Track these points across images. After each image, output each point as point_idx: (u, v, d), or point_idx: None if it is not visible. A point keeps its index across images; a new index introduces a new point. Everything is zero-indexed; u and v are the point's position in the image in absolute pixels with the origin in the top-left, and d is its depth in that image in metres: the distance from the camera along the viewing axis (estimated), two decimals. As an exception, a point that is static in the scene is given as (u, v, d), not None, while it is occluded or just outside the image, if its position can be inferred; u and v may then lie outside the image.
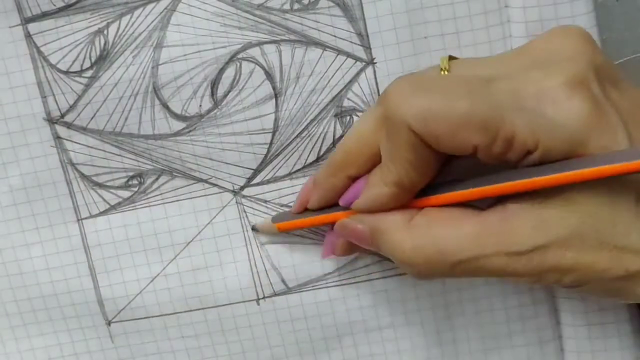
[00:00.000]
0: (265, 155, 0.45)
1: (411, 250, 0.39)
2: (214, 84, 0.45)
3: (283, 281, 0.47)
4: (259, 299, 0.47)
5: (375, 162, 0.41)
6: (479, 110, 0.36)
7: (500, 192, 0.38)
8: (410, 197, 0.40)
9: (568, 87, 0.36)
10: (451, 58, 0.40)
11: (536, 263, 0.37)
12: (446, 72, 0.39)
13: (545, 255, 0.37)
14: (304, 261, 0.47)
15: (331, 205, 0.43)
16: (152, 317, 0.48)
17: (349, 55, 0.44)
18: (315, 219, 0.44)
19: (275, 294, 0.47)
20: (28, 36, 0.44)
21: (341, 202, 0.42)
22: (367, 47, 0.44)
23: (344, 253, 0.44)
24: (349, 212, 0.42)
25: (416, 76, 0.40)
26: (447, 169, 0.40)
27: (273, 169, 0.46)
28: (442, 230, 0.39)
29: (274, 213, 0.46)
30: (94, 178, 0.46)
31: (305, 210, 0.44)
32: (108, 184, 0.46)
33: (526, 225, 0.37)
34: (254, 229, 0.46)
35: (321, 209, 0.44)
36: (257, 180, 0.46)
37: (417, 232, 0.39)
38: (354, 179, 0.42)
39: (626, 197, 0.36)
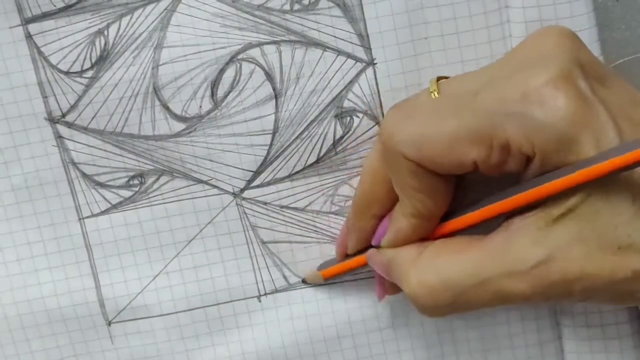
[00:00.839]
0: (266, 157, 0.45)
1: (416, 284, 0.39)
2: (214, 85, 0.45)
3: (284, 277, 0.47)
4: (260, 295, 0.47)
5: (395, 196, 0.41)
6: (469, 125, 0.36)
7: (499, 209, 0.38)
8: (432, 226, 0.40)
9: (553, 85, 0.35)
10: (440, 78, 0.40)
11: (541, 279, 0.36)
12: (436, 94, 0.39)
13: (549, 269, 0.36)
14: (305, 258, 0.47)
15: (368, 246, 0.44)
16: (153, 317, 0.48)
17: (349, 55, 0.44)
18: (353, 262, 0.45)
19: (277, 291, 0.47)
20: (28, 37, 0.44)
21: (373, 243, 0.43)
22: (368, 48, 0.44)
23: (394, 291, 0.44)
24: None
25: (407, 103, 0.40)
26: (464, 193, 0.40)
27: (273, 170, 0.46)
28: (445, 260, 0.39)
29: (274, 215, 0.46)
30: (95, 177, 0.46)
31: (347, 256, 0.45)
32: (109, 183, 0.46)
33: (526, 240, 0.36)
34: (304, 281, 0.47)
35: (360, 252, 0.44)
36: (257, 182, 0.46)
37: (422, 265, 0.39)
38: (381, 218, 0.42)
39: (623, 196, 0.36)
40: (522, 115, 0.35)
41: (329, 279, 0.46)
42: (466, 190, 0.41)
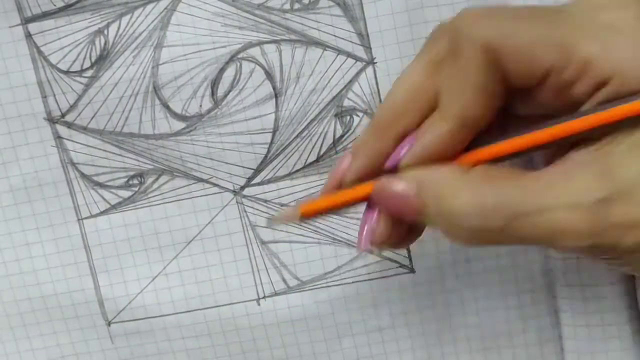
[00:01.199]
0: (266, 155, 0.45)
1: (469, 199, 0.35)
2: (214, 84, 0.45)
3: (284, 280, 0.47)
4: (259, 298, 0.47)
5: (431, 111, 0.37)
6: (554, 30, 0.34)
7: (557, 134, 0.35)
8: (468, 139, 0.36)
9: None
10: None
11: (601, 218, 0.33)
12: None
13: (611, 208, 0.33)
14: (305, 260, 0.47)
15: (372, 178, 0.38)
16: (153, 317, 0.48)
17: (349, 55, 0.44)
18: (349, 193, 0.38)
19: (276, 294, 0.47)
20: (28, 36, 0.44)
21: (388, 164, 0.37)
22: (368, 47, 0.44)
23: (385, 239, 0.38)
24: None
25: (486, 7, 0.37)
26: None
27: (273, 168, 0.46)
28: (502, 181, 0.35)
29: (274, 213, 0.46)
30: (95, 178, 0.46)
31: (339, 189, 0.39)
32: (108, 183, 0.46)
33: (588, 175, 0.34)
34: (270, 220, 0.43)
35: (358, 183, 0.38)
36: (257, 180, 0.46)
37: (476, 182, 0.35)
38: (402, 139, 0.37)
39: None
40: (610, 41, 0.33)
41: (308, 215, 0.38)
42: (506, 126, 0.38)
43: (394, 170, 0.37)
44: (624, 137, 0.34)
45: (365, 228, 0.38)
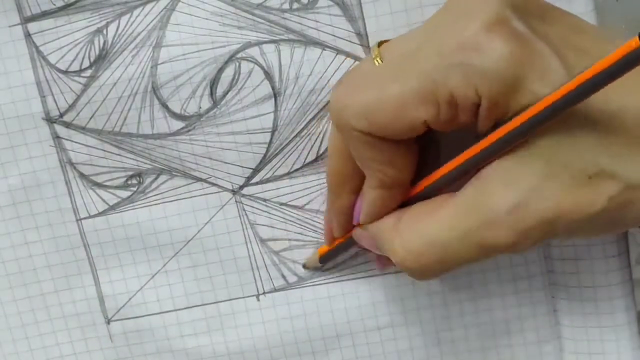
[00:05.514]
0: (265, 155, 0.45)
1: (401, 249, 0.38)
2: (213, 84, 0.45)
3: (283, 277, 0.47)
4: (259, 294, 0.47)
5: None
6: (412, 86, 0.35)
7: (462, 160, 0.37)
8: (401, 194, 0.40)
9: (486, 31, 0.34)
10: (381, 43, 0.40)
11: (519, 224, 0.35)
12: (379, 60, 0.39)
13: (525, 212, 0.35)
14: (304, 257, 0.47)
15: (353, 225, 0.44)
16: (152, 314, 0.48)
17: (348, 54, 0.44)
18: (344, 240, 0.45)
19: (275, 290, 0.47)
20: (27, 35, 0.44)
21: (354, 222, 0.43)
22: (367, 47, 0.44)
23: (391, 264, 0.44)
24: None
25: (351, 75, 0.40)
26: (438, 157, 0.40)
27: (272, 168, 0.46)
28: (424, 221, 0.38)
29: (273, 212, 0.46)
30: (93, 178, 0.46)
31: (335, 241, 0.45)
32: (107, 183, 0.46)
33: (497, 186, 0.36)
34: (304, 267, 0.47)
35: (347, 233, 0.44)
36: (256, 179, 0.46)
37: (403, 231, 0.39)
38: (357, 193, 0.42)
39: (583, 125, 0.35)
40: (461, 65, 0.35)
41: (325, 260, 0.46)
42: (440, 155, 0.40)
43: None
44: (519, 146, 0.36)
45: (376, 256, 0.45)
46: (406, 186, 0.40)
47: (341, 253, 0.46)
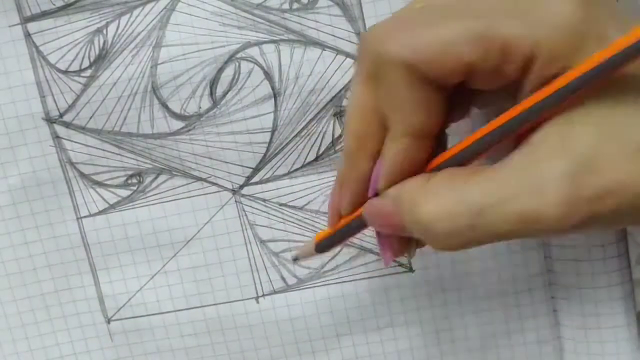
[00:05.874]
0: (265, 154, 0.45)
1: (431, 206, 0.35)
2: (213, 84, 0.45)
3: (282, 278, 0.47)
4: (258, 296, 0.47)
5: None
6: (463, 24, 0.33)
7: (499, 125, 0.34)
8: (429, 148, 0.36)
9: None
10: None
11: (570, 195, 0.32)
12: (422, 4, 0.36)
13: (578, 182, 0.32)
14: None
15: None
16: (152, 314, 0.48)
17: (348, 55, 0.44)
18: (349, 219, 0.40)
19: (275, 292, 0.47)
20: (27, 35, 0.44)
21: (370, 193, 0.38)
22: (366, 47, 0.44)
23: (402, 249, 0.40)
24: None
25: (391, 17, 0.37)
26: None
27: (272, 167, 0.46)
28: (461, 181, 0.34)
29: (273, 212, 0.46)
30: (93, 177, 0.46)
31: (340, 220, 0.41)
32: (107, 182, 0.46)
33: (549, 152, 0.33)
34: (295, 260, 0.45)
35: (356, 210, 0.39)
36: (256, 179, 0.46)
37: (436, 187, 0.35)
38: (376, 157, 0.38)
39: (634, 94, 0.33)
40: (525, 13, 0.33)
41: (322, 247, 0.41)
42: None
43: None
44: (571, 110, 0.33)
45: (383, 244, 0.40)
46: (433, 140, 0.36)
47: (343, 239, 0.41)
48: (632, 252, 0.45)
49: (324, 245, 0.41)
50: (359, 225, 0.39)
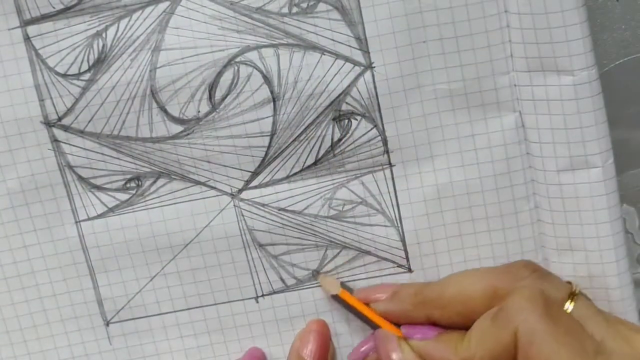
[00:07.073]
0: (263, 158, 0.45)
1: None
2: (212, 88, 0.45)
3: (282, 280, 0.47)
4: (257, 296, 0.47)
5: (463, 320, 0.43)
6: None
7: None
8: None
9: None
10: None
11: None
12: (571, 305, 0.42)
13: None
14: (303, 261, 0.47)
15: (391, 321, 0.45)
16: (151, 316, 0.48)
17: (347, 59, 0.44)
18: (377, 315, 0.45)
19: (274, 292, 0.47)
20: (27, 39, 0.44)
21: (405, 332, 0.45)
22: (366, 51, 0.44)
23: None
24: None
25: (548, 297, 0.42)
26: None
27: (271, 172, 0.46)
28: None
29: (271, 216, 0.46)
30: (92, 180, 0.46)
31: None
32: (106, 186, 0.46)
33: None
34: (314, 275, 0.47)
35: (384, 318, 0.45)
36: (255, 183, 0.46)
37: None
38: (430, 322, 0.44)
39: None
40: None
41: (338, 300, 0.47)
42: None
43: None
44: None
45: (363, 348, 0.47)
46: None
47: (356, 315, 0.46)
48: (632, 252, 0.45)
49: (339, 301, 0.47)
50: (370, 321, 0.46)
